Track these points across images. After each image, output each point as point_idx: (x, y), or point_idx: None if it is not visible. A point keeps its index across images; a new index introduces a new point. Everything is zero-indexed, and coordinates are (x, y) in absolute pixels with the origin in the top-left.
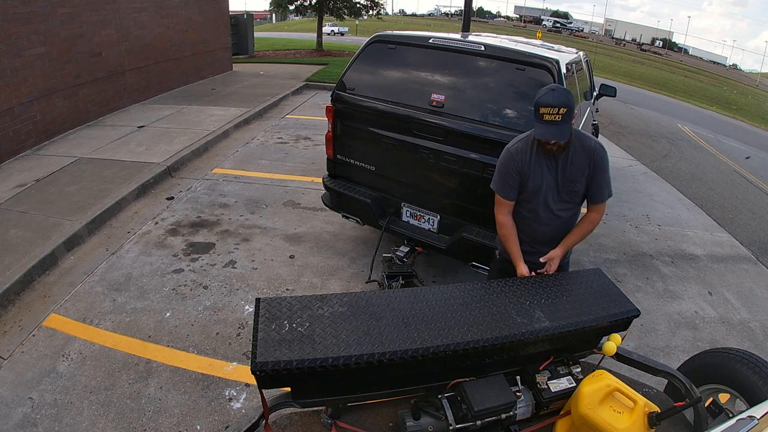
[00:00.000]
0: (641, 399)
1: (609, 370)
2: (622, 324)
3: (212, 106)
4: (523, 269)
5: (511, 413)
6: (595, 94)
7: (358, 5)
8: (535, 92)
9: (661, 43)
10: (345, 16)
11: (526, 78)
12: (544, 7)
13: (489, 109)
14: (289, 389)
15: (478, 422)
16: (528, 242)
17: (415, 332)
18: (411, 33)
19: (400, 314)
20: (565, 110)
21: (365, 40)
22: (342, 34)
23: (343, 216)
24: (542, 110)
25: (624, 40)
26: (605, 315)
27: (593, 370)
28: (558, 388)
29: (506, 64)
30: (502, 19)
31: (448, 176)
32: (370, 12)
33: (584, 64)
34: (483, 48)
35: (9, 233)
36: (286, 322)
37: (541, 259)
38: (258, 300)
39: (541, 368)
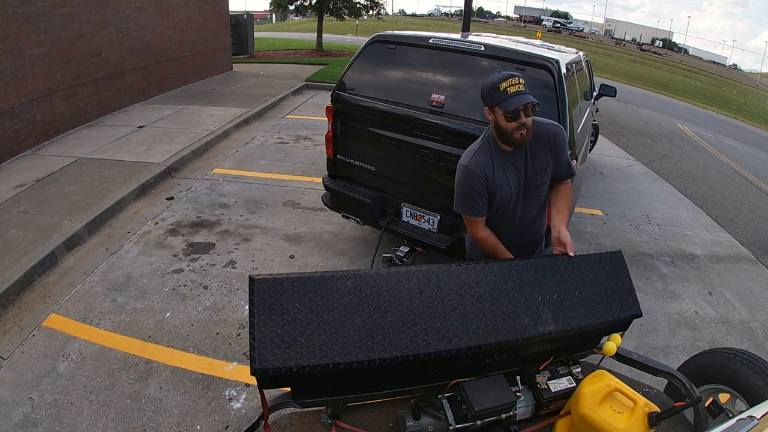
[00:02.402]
0: (641, 399)
1: (609, 370)
2: (623, 324)
3: (212, 106)
4: None
5: (511, 413)
6: (595, 94)
7: (358, 5)
8: (536, 92)
9: (661, 43)
10: (345, 16)
11: (527, 78)
12: (544, 7)
13: None
14: (289, 389)
15: (478, 422)
16: (508, 248)
17: (419, 332)
18: (411, 33)
19: (407, 307)
20: (524, 80)
21: (365, 40)
22: None
23: (343, 216)
24: (503, 85)
25: (624, 40)
26: (608, 317)
27: (593, 370)
28: (558, 388)
29: (506, 64)
30: (502, 19)
31: (449, 176)
32: (370, 12)
33: (584, 64)
34: (483, 48)
35: (9, 233)
36: (285, 315)
37: (556, 250)
38: (251, 279)
39: (541, 368)
